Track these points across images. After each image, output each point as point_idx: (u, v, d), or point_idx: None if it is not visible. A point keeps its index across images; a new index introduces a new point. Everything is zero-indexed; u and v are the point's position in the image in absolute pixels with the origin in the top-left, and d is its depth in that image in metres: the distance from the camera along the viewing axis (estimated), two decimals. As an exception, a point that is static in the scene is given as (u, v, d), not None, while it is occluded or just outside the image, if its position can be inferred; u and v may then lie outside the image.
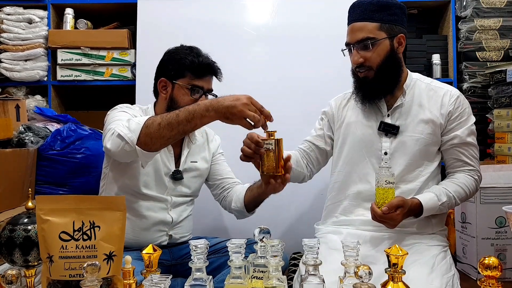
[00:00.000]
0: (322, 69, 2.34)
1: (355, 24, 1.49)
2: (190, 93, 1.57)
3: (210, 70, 1.61)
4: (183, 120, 1.32)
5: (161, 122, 1.32)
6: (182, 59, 1.58)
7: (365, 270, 0.85)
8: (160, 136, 1.32)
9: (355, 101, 1.59)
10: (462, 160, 1.53)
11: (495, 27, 2.61)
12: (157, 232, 1.62)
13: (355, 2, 1.52)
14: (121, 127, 1.34)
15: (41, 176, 2.15)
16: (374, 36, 1.46)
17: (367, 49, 1.47)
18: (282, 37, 2.41)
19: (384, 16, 1.47)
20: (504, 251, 1.89)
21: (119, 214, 0.99)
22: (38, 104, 2.59)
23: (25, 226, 1.03)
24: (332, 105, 1.69)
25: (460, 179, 1.51)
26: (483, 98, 2.58)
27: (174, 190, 1.64)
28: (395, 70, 1.52)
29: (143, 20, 2.47)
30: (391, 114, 1.54)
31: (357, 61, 1.49)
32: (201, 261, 0.95)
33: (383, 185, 1.35)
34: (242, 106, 1.30)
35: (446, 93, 1.54)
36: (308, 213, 2.20)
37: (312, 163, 1.68)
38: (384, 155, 1.52)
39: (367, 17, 1.47)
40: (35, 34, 2.60)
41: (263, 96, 2.38)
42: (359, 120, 1.58)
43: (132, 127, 1.33)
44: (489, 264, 0.83)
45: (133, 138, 1.31)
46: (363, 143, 1.56)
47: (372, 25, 1.47)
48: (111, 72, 2.63)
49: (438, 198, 1.43)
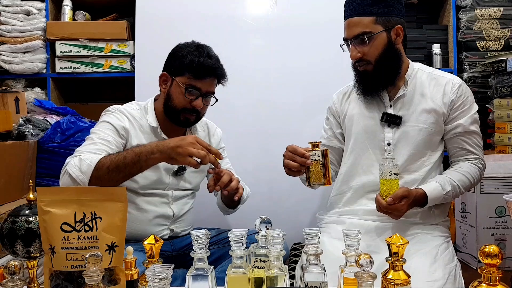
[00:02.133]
0: (322, 59, 2.33)
1: (351, 19, 1.49)
2: (185, 93, 1.55)
3: (211, 72, 1.56)
4: (130, 162, 1.34)
5: (110, 165, 1.34)
6: (184, 56, 1.55)
7: (366, 259, 0.85)
8: (109, 179, 1.34)
9: (357, 94, 1.59)
10: (465, 149, 1.53)
11: (496, 16, 2.59)
12: (158, 226, 1.63)
13: None
14: (73, 167, 1.35)
15: (41, 169, 2.15)
16: (370, 30, 1.46)
17: (364, 43, 1.47)
18: (282, 27, 2.40)
19: (379, 9, 1.46)
20: (504, 240, 1.90)
21: (120, 205, 0.99)
22: (37, 96, 2.59)
23: (27, 218, 1.03)
24: (334, 100, 1.69)
25: (464, 168, 1.51)
26: (484, 88, 2.58)
27: (175, 185, 1.64)
28: (394, 61, 1.52)
29: (141, 11, 2.46)
30: (394, 104, 1.54)
31: (355, 56, 1.49)
32: (203, 251, 0.95)
33: (387, 176, 1.35)
34: (187, 145, 1.31)
35: (448, 82, 1.53)
36: (309, 204, 2.20)
37: (334, 163, 1.68)
38: (387, 145, 1.52)
39: (362, 11, 1.47)
40: (33, 26, 2.58)
41: (263, 87, 2.39)
42: (361, 112, 1.58)
43: (84, 169, 1.34)
44: (490, 252, 0.83)
45: (84, 181, 1.33)
46: (366, 134, 1.56)
47: (367, 19, 1.46)
48: (110, 64, 2.62)
49: (442, 187, 1.43)
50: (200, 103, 1.57)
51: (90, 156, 1.38)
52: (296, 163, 1.35)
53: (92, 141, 1.48)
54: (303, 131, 2.24)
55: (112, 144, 1.49)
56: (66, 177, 1.36)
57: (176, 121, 1.60)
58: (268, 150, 2.22)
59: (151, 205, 1.60)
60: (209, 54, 1.58)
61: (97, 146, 1.45)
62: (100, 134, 1.50)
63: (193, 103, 1.56)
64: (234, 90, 2.27)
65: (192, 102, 1.56)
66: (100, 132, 1.51)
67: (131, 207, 1.56)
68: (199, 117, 1.63)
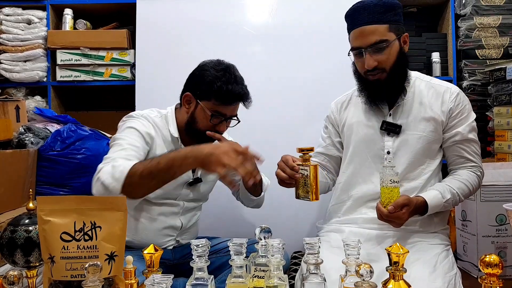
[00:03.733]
0: (322, 68, 2.34)
1: (366, 27, 1.44)
2: (210, 118, 1.52)
3: (238, 99, 1.54)
4: (163, 168, 1.29)
5: (143, 171, 1.29)
6: (212, 82, 1.50)
7: (366, 268, 0.85)
8: (142, 186, 1.31)
9: (363, 103, 1.57)
10: (464, 157, 1.53)
11: (495, 24, 2.61)
12: (165, 236, 1.61)
13: (357, 6, 1.48)
14: (105, 174, 1.31)
15: (41, 177, 2.15)
16: (386, 38, 1.44)
17: (380, 52, 1.45)
18: (282, 36, 2.41)
19: (391, 17, 1.45)
20: (504, 248, 1.90)
21: (120, 214, 0.99)
22: (37, 104, 2.60)
23: (26, 227, 1.03)
24: (333, 109, 1.69)
25: (463, 176, 1.51)
26: (483, 96, 2.58)
27: (186, 196, 1.63)
28: (405, 69, 1.52)
29: (142, 20, 2.47)
30: (393, 113, 1.54)
31: (372, 65, 1.45)
32: (203, 260, 0.95)
33: (388, 185, 1.35)
34: (221, 154, 1.25)
35: (446, 90, 1.54)
36: (309, 212, 2.20)
37: (331, 172, 1.69)
38: (387, 154, 1.52)
39: (376, 19, 1.44)
40: (34, 34, 2.60)
41: (263, 95, 2.39)
42: (360, 121, 1.58)
43: (116, 176, 1.30)
44: (490, 262, 0.83)
45: (117, 188, 1.29)
46: (365, 143, 1.56)
47: (383, 27, 1.44)
48: (111, 72, 2.63)
49: (442, 195, 1.43)
50: (224, 128, 1.57)
51: (123, 162, 1.34)
52: (285, 175, 1.35)
53: (121, 147, 1.43)
54: (303, 139, 2.23)
55: (140, 150, 1.46)
56: (98, 184, 1.31)
57: (198, 141, 1.54)
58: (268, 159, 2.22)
59: (162, 215, 1.59)
60: (236, 79, 1.53)
61: (127, 152, 1.41)
62: (128, 140, 1.46)
63: (217, 128, 1.55)
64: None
65: (216, 126, 1.54)
66: (128, 138, 1.46)
67: (143, 216, 1.55)
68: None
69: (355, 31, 1.47)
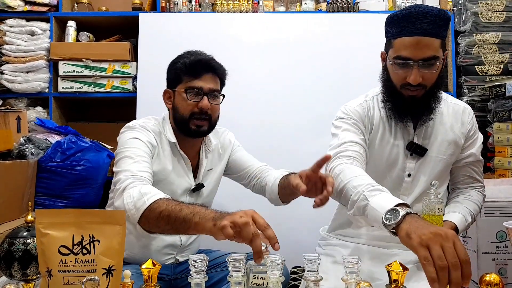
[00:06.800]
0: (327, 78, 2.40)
1: (423, 38, 1.29)
2: (187, 97, 1.49)
3: (206, 67, 1.50)
4: (182, 217, 1.15)
5: (163, 211, 1.18)
6: (176, 63, 1.53)
7: (366, 286, 0.84)
8: (156, 225, 1.21)
9: (387, 116, 1.44)
10: (473, 177, 1.51)
11: (494, 41, 2.63)
12: (165, 255, 1.59)
13: (416, 11, 1.31)
14: (129, 199, 1.23)
15: (41, 188, 2.15)
16: (438, 55, 1.31)
17: (430, 68, 1.32)
18: (283, 49, 2.44)
19: (444, 32, 1.34)
20: (505, 265, 1.88)
21: (118, 228, 0.98)
22: (39, 115, 2.60)
23: (25, 240, 1.02)
24: (360, 112, 1.47)
25: (474, 197, 1.48)
26: (483, 112, 2.60)
27: None
28: (440, 88, 1.43)
29: (144, 33, 2.49)
30: (418, 133, 1.44)
31: (417, 80, 1.31)
32: (201, 276, 0.94)
33: (436, 213, 1.27)
34: (241, 223, 1.03)
35: (464, 110, 1.48)
36: (310, 225, 2.18)
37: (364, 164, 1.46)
38: (407, 177, 1.45)
39: (434, 32, 1.30)
40: (37, 46, 2.62)
41: (265, 108, 2.40)
42: (385, 138, 1.46)
43: (138, 205, 1.21)
44: (490, 281, 0.83)
45: (135, 217, 1.22)
46: (387, 162, 1.46)
47: (437, 42, 1.31)
48: (112, 84, 2.64)
49: (465, 218, 1.40)
50: (206, 103, 1.49)
51: (150, 190, 1.25)
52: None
53: (133, 160, 1.37)
54: (307, 150, 2.25)
55: (149, 161, 1.42)
56: (122, 205, 1.24)
57: (188, 132, 1.52)
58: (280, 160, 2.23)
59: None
60: (201, 53, 1.54)
61: (142, 165, 1.37)
62: (136, 151, 1.41)
63: (200, 105, 1.49)
64: (238, 110, 2.29)
65: (198, 104, 1.49)
66: (135, 149, 1.41)
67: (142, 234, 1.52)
68: (211, 124, 1.55)
69: (409, 39, 1.31)
